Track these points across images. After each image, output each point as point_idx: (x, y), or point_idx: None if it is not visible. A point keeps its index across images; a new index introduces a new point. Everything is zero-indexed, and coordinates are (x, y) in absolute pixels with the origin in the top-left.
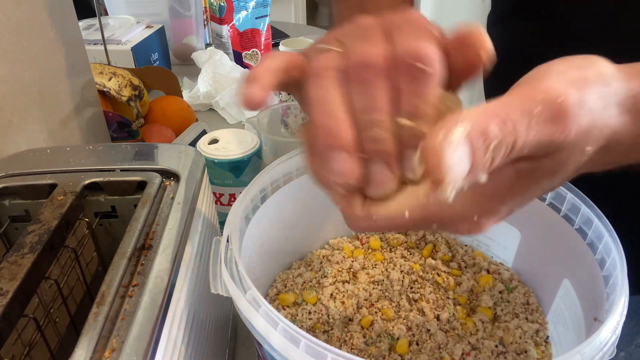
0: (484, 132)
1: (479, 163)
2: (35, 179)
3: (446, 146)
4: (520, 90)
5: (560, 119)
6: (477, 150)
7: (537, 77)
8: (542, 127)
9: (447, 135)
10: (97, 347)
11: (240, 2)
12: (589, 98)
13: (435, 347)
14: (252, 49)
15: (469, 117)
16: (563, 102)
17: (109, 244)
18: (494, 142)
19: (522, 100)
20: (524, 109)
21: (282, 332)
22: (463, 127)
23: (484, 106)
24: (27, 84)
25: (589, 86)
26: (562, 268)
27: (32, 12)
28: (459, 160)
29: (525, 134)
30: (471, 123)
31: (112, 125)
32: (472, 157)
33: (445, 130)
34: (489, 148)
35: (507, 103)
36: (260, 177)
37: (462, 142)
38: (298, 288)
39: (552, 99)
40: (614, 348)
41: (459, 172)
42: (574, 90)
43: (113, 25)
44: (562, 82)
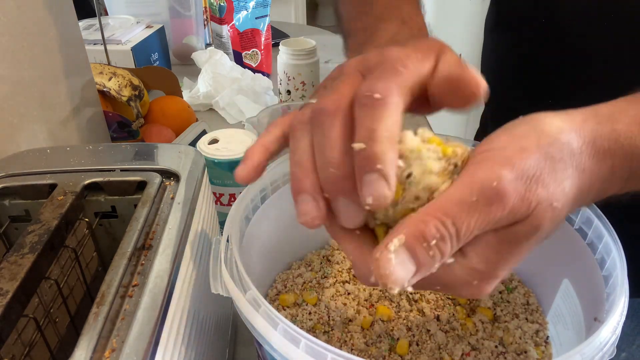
0: (420, 235)
1: (424, 261)
2: (35, 179)
3: (383, 259)
4: (462, 180)
5: (497, 201)
6: (417, 252)
7: (477, 160)
8: (482, 212)
9: (385, 249)
10: (97, 347)
11: (240, 2)
12: (529, 167)
13: (435, 347)
14: (252, 49)
15: (406, 225)
16: (497, 186)
17: (109, 244)
18: (432, 240)
19: (461, 191)
20: (461, 200)
21: (282, 332)
22: (399, 238)
23: (431, 203)
24: (27, 84)
25: (527, 156)
26: (562, 268)
27: (32, 12)
28: (400, 265)
29: (467, 222)
30: (408, 231)
31: (112, 125)
32: (414, 259)
33: (385, 243)
34: (430, 245)
35: (448, 196)
36: (260, 177)
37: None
38: (298, 288)
39: (486, 185)
40: (614, 348)
41: (403, 275)
42: (508, 169)
43: (113, 25)
44: (496, 164)
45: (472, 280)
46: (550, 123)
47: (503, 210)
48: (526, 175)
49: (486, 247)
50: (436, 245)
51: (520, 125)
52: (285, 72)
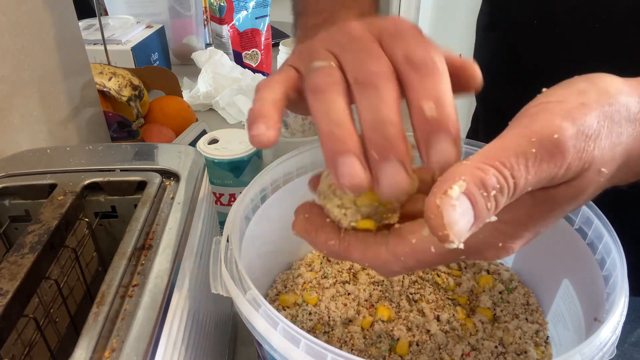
0: (482, 184)
1: (481, 213)
2: (35, 179)
3: (445, 206)
4: (516, 130)
5: (556, 155)
6: (477, 202)
7: (533, 112)
8: (540, 166)
9: (445, 195)
10: (97, 347)
11: (240, 2)
12: (588, 125)
13: (435, 347)
14: (252, 49)
15: (466, 170)
16: (558, 139)
17: (109, 244)
18: (493, 191)
19: (519, 141)
20: (520, 151)
21: (282, 332)
22: (459, 183)
23: (481, 152)
24: (27, 84)
25: (588, 112)
26: (562, 268)
27: (32, 12)
28: (461, 215)
29: (525, 176)
30: (468, 178)
31: (112, 125)
32: (473, 210)
33: (444, 188)
34: (490, 197)
35: (503, 148)
36: (260, 177)
37: (461, 199)
38: (298, 289)
39: (547, 136)
40: (614, 348)
41: (462, 227)
42: (569, 123)
43: (113, 25)
44: (557, 116)
45: (497, 242)
46: (610, 82)
47: (561, 166)
48: (586, 132)
49: (519, 209)
50: (494, 196)
51: (579, 82)
52: None
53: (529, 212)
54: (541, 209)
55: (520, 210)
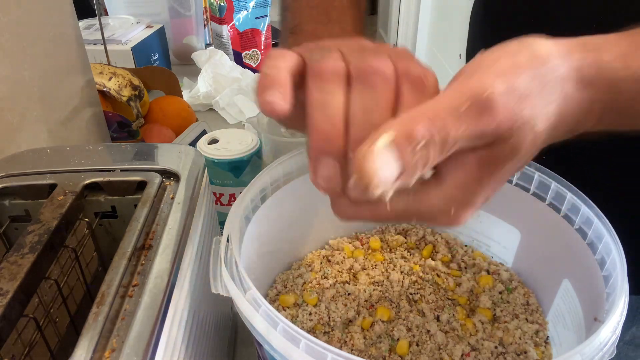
0: (410, 135)
1: (408, 163)
2: (35, 179)
3: (369, 154)
4: (451, 87)
5: (487, 111)
6: (404, 152)
7: (469, 71)
8: (471, 122)
9: (372, 144)
10: (97, 347)
11: (240, 2)
12: (519, 83)
13: (435, 348)
14: (252, 49)
15: (397, 123)
16: (489, 96)
17: (109, 244)
18: (421, 141)
19: (451, 98)
20: (451, 107)
21: (282, 332)
22: (388, 134)
23: (415, 109)
24: (27, 84)
25: (519, 72)
26: (562, 268)
27: (32, 12)
28: (385, 164)
29: (455, 129)
30: (397, 128)
31: (112, 125)
32: (401, 159)
33: (372, 139)
34: (417, 148)
35: (437, 102)
36: (260, 177)
37: (388, 148)
38: (298, 289)
39: (478, 94)
40: (614, 348)
41: (387, 175)
42: (501, 81)
43: (113, 25)
44: (490, 74)
45: (449, 208)
46: (541, 45)
47: (491, 122)
48: (517, 91)
49: (464, 172)
50: (423, 148)
51: (512, 44)
52: None
53: (474, 175)
54: (485, 170)
55: (466, 173)
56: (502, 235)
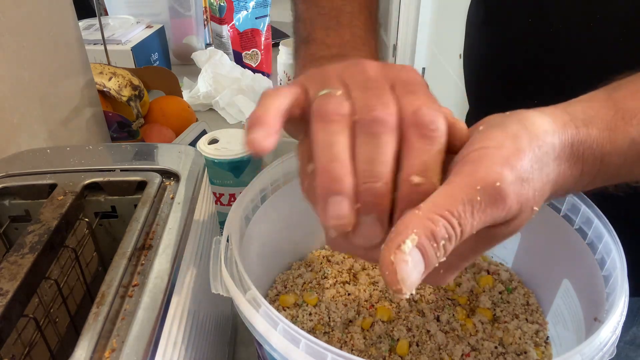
0: (433, 236)
1: (431, 262)
2: (35, 179)
3: (399, 262)
4: (461, 178)
5: (499, 201)
6: (428, 254)
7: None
8: (485, 212)
9: (399, 250)
10: (97, 347)
11: (240, 2)
12: (524, 169)
13: (435, 348)
14: (252, 49)
15: (417, 223)
16: (500, 187)
17: (109, 244)
18: (442, 242)
19: (464, 189)
20: (466, 199)
21: (282, 332)
22: (411, 238)
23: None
24: (27, 84)
25: (523, 157)
26: (562, 268)
27: (32, 12)
28: (412, 269)
29: (471, 222)
30: (419, 230)
31: (112, 125)
32: (424, 261)
33: (397, 242)
34: (440, 246)
35: (451, 196)
36: (260, 177)
37: (413, 252)
38: (298, 289)
39: (489, 185)
40: (614, 348)
41: (414, 279)
42: (509, 170)
43: (113, 25)
44: (497, 164)
45: (439, 271)
46: (538, 124)
47: (503, 211)
48: (522, 177)
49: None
50: (443, 245)
51: (511, 123)
52: (285, 72)
53: (471, 248)
54: (482, 244)
55: (464, 247)
56: None
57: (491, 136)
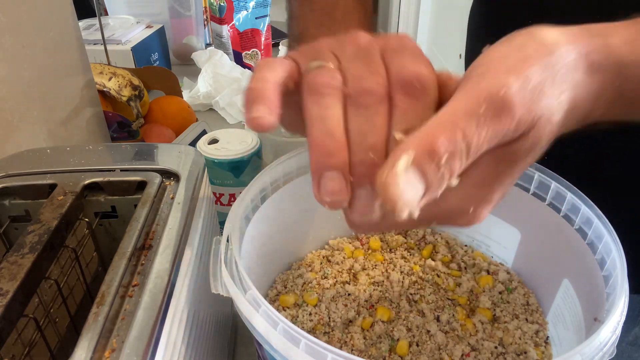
0: (431, 151)
1: (432, 180)
2: (35, 179)
3: (392, 177)
4: (464, 91)
5: (505, 111)
6: (427, 171)
7: (479, 71)
8: (491, 124)
9: (392, 168)
10: (97, 347)
11: (240, 2)
12: (532, 77)
13: (435, 348)
14: (252, 49)
15: (414, 141)
16: (505, 95)
17: (109, 244)
18: (444, 156)
19: (467, 102)
20: (469, 112)
21: (282, 332)
22: (407, 155)
23: (432, 120)
24: (27, 84)
25: (529, 65)
26: (562, 268)
27: (32, 12)
28: (407, 186)
29: (477, 135)
30: (415, 148)
31: (112, 125)
32: (424, 179)
33: (392, 160)
34: (440, 163)
35: (453, 109)
36: (260, 177)
37: (410, 169)
38: (298, 289)
39: (493, 94)
40: (614, 348)
41: (412, 197)
42: (514, 77)
43: (113, 25)
44: (501, 72)
45: (468, 207)
46: (547, 34)
47: (512, 121)
48: (531, 85)
49: (482, 171)
50: (447, 162)
51: (517, 37)
52: None
53: (493, 172)
54: (504, 166)
55: (485, 171)
56: (502, 235)
57: (496, 49)
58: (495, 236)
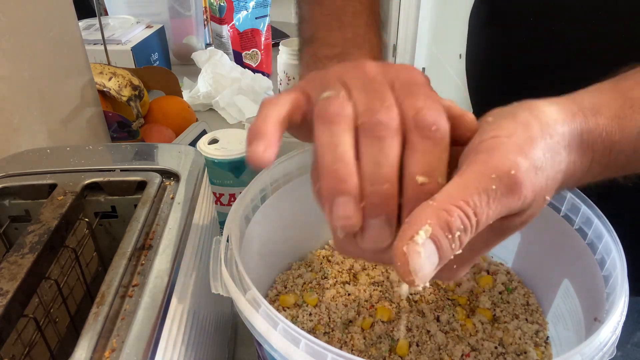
0: (447, 227)
1: (446, 254)
2: (35, 179)
3: (411, 253)
4: (475, 167)
5: (514, 190)
6: (442, 246)
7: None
8: (500, 201)
9: (412, 241)
10: (97, 347)
11: (240, 2)
12: (537, 157)
13: (435, 348)
14: (252, 49)
15: (431, 213)
16: (515, 175)
17: (109, 244)
18: (457, 233)
19: (479, 180)
20: (481, 190)
21: (282, 332)
22: (425, 229)
23: (445, 191)
24: (27, 84)
25: (536, 146)
26: (562, 268)
27: (32, 12)
28: (426, 260)
29: (486, 212)
30: (434, 221)
31: (112, 125)
32: (438, 252)
33: (410, 234)
34: (455, 237)
35: (466, 186)
36: (260, 177)
37: (427, 244)
38: (298, 289)
39: (504, 174)
40: (614, 348)
41: (427, 271)
42: (523, 158)
43: (113, 25)
44: (511, 152)
45: (452, 265)
46: (548, 113)
47: (519, 199)
48: (536, 165)
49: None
50: (459, 237)
51: (521, 112)
52: (285, 72)
53: (484, 240)
54: (496, 236)
55: (477, 239)
56: None
57: (502, 125)
58: None
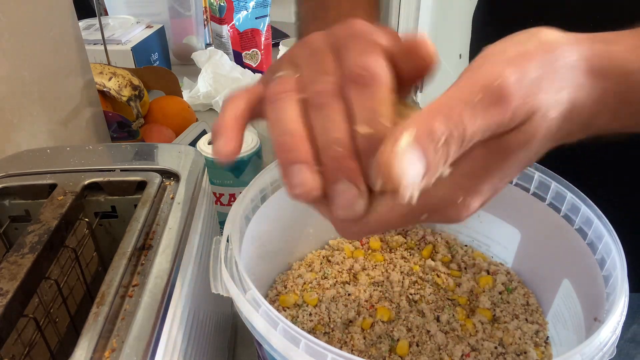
0: (430, 132)
1: (432, 161)
2: (35, 179)
3: (395, 155)
4: (461, 80)
5: (501, 101)
6: (427, 150)
7: (478, 63)
8: (486, 112)
9: (395, 144)
10: (97, 347)
11: (240, 2)
12: (530, 71)
13: (435, 348)
14: (252, 49)
15: (414, 121)
16: (501, 84)
17: (109, 244)
18: (442, 138)
19: (463, 90)
20: (465, 99)
21: (282, 332)
22: (409, 132)
23: (429, 105)
24: (27, 84)
25: (529, 59)
26: (562, 268)
27: (32, 12)
28: (411, 164)
29: (472, 122)
30: (416, 126)
31: (112, 125)
32: (424, 157)
33: (393, 139)
34: (439, 145)
35: (450, 97)
36: (260, 177)
37: (411, 147)
38: (298, 289)
39: (489, 83)
40: (614, 348)
41: (414, 175)
42: (511, 68)
43: (113, 25)
44: (499, 63)
45: (457, 197)
46: (549, 33)
47: (506, 111)
48: (528, 77)
49: (472, 160)
50: (443, 145)
51: (519, 34)
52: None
53: (483, 163)
54: (495, 158)
55: (475, 162)
56: (502, 235)
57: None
58: (495, 236)
